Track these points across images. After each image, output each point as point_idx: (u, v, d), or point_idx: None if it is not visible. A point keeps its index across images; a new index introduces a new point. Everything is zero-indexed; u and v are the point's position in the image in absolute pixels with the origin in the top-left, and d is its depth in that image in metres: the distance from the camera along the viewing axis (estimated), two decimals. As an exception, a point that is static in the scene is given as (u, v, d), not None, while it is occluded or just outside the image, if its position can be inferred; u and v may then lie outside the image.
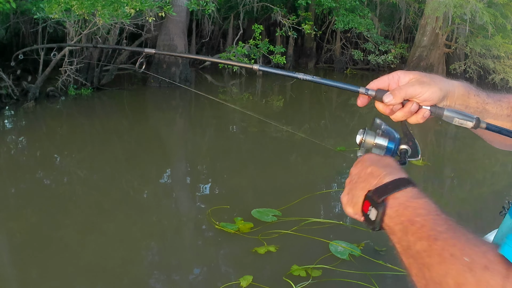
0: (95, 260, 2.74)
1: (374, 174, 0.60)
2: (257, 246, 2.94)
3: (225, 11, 11.22)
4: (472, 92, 0.73)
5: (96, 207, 3.51)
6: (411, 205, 0.55)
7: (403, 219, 0.54)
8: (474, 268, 0.46)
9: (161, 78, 8.39)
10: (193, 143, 5.74)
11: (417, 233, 0.51)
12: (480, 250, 0.48)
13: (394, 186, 0.57)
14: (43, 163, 4.65)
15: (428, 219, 0.52)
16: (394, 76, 0.69)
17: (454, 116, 0.65)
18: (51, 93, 7.43)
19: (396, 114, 0.68)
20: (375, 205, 0.57)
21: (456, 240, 0.49)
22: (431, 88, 0.66)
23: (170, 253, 2.94)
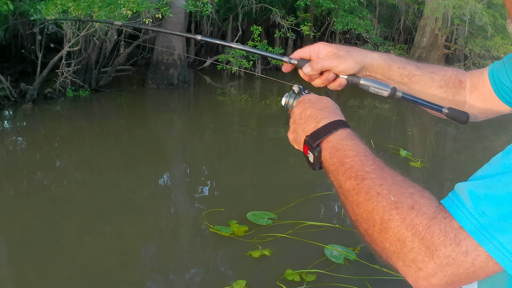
0: (92, 262, 2.73)
1: (312, 117, 0.64)
2: (251, 249, 2.91)
3: (224, 12, 11.21)
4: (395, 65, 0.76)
5: (93, 209, 3.50)
6: (341, 147, 0.58)
7: (335, 161, 0.57)
8: (399, 206, 0.48)
9: (159, 80, 8.40)
10: (191, 145, 5.72)
11: (346, 173, 0.55)
12: (407, 191, 0.49)
13: (326, 130, 0.61)
14: (41, 165, 4.64)
15: (356, 160, 0.55)
16: (315, 47, 0.75)
17: (370, 85, 0.70)
18: (49, 95, 7.41)
19: (315, 81, 0.75)
20: (311, 150, 0.61)
21: (383, 180, 0.51)
22: (346, 61, 0.72)
23: (163, 256, 2.91)
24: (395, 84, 0.76)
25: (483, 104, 0.81)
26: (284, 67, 0.78)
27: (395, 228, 0.48)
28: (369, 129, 7.18)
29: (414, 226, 0.47)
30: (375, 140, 5.85)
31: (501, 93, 0.78)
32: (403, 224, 0.47)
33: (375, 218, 0.50)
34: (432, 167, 5.10)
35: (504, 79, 0.77)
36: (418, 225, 0.46)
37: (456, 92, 0.81)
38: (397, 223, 0.48)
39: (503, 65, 0.79)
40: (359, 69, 0.73)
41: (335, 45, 0.75)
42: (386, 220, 0.48)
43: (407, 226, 0.47)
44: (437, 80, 0.80)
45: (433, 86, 0.79)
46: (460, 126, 7.55)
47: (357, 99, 9.77)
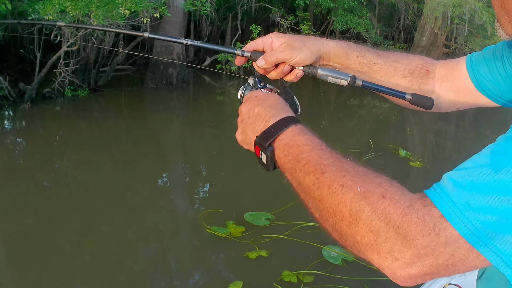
0: (89, 262, 2.72)
1: (261, 115, 0.61)
2: (248, 250, 2.90)
3: (223, 11, 11.18)
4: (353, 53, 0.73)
5: (91, 209, 3.49)
6: (295, 143, 0.55)
7: (290, 158, 0.55)
8: (368, 196, 0.45)
9: (157, 79, 8.38)
10: (189, 145, 5.70)
11: (304, 168, 0.52)
12: (374, 181, 0.47)
13: (277, 128, 0.58)
14: (39, 165, 4.63)
15: (313, 154, 0.53)
16: (268, 39, 0.71)
17: (328, 74, 0.68)
18: (48, 95, 7.40)
19: (270, 74, 0.72)
20: (263, 150, 0.58)
21: (345, 172, 0.48)
22: (301, 52, 0.68)
23: (160, 257, 2.90)
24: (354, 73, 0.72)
25: (455, 96, 0.78)
26: (237, 60, 0.75)
27: (366, 219, 0.45)
28: (369, 129, 7.16)
29: (387, 215, 0.44)
30: (374, 139, 5.82)
31: (481, 85, 0.75)
32: (375, 214, 0.44)
33: (342, 211, 0.47)
34: (431, 166, 5.08)
35: (484, 72, 0.75)
36: (392, 213, 0.44)
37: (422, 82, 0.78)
38: (367, 213, 0.45)
39: (483, 58, 0.76)
40: (316, 59, 0.71)
41: (289, 35, 0.72)
42: (355, 211, 0.46)
43: (379, 215, 0.44)
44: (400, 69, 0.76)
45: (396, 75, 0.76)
46: (460, 125, 7.52)
47: (357, 99, 9.74)
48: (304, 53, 0.69)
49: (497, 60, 0.73)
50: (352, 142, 5.97)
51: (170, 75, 8.44)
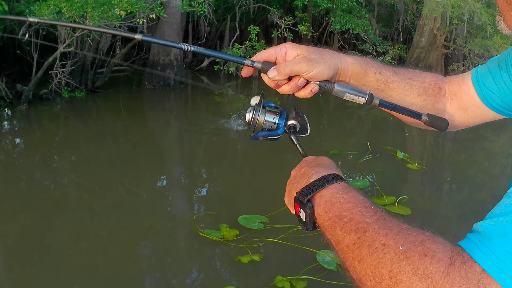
0: (85, 263, 2.70)
1: (305, 175, 0.60)
2: (241, 254, 2.85)
3: (222, 12, 11.15)
4: (371, 70, 0.70)
5: (88, 211, 3.48)
6: (337, 200, 0.53)
7: (331, 215, 0.52)
8: (410, 256, 0.43)
9: (155, 81, 8.34)
10: (186, 147, 5.66)
11: (345, 227, 0.49)
12: (416, 239, 0.44)
13: (319, 184, 0.56)
14: (36, 166, 4.62)
15: (356, 212, 0.50)
16: (282, 49, 0.66)
17: (345, 91, 0.65)
18: (45, 96, 7.37)
19: (282, 88, 0.66)
20: (302, 206, 0.56)
21: (388, 230, 0.46)
22: (319, 65, 0.64)
23: (151, 260, 2.85)
24: (371, 91, 0.70)
25: (464, 113, 0.77)
26: (244, 71, 0.69)
27: (407, 281, 0.42)
28: (367, 130, 7.11)
29: (429, 276, 0.41)
30: (372, 141, 5.77)
31: (487, 100, 0.73)
32: (416, 275, 0.41)
33: (382, 273, 0.43)
34: (430, 169, 5.03)
35: (490, 84, 0.73)
36: (434, 274, 0.41)
37: (436, 100, 0.76)
38: (408, 274, 0.42)
39: (488, 70, 0.74)
40: (333, 74, 0.66)
41: (305, 46, 0.67)
42: (395, 273, 0.42)
43: (421, 276, 0.41)
44: (415, 87, 0.74)
45: (412, 93, 0.74)
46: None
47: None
48: (322, 67, 0.64)
49: (502, 70, 0.71)
50: (350, 143, 5.93)
51: (168, 77, 8.41)
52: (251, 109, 0.67)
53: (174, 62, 8.39)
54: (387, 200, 3.80)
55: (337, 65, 0.67)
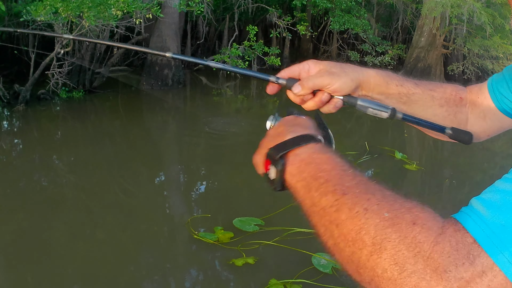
0: (82, 265, 2.68)
1: (281, 133, 0.56)
2: (235, 257, 2.81)
3: (220, 12, 11.12)
4: (393, 82, 0.71)
5: (85, 212, 3.46)
6: (313, 161, 0.50)
7: (305, 175, 0.49)
8: (397, 223, 0.40)
9: (153, 80, 8.31)
10: (183, 148, 5.62)
11: (321, 188, 0.46)
12: (403, 206, 0.42)
13: (295, 142, 0.53)
14: (33, 166, 4.59)
15: (333, 174, 0.47)
16: (304, 65, 0.68)
17: (368, 106, 0.64)
18: (42, 96, 7.35)
19: (307, 104, 0.67)
20: (273, 163, 0.53)
21: (370, 195, 0.43)
22: (341, 79, 0.65)
23: (144, 263, 2.82)
24: (394, 104, 0.69)
25: (483, 121, 0.77)
26: (269, 88, 0.69)
27: (392, 249, 0.39)
28: (366, 130, 7.08)
29: (417, 245, 0.38)
30: (370, 141, 5.74)
31: (502, 105, 0.74)
32: (403, 243, 0.39)
33: (364, 239, 0.40)
34: (428, 170, 4.99)
35: (504, 90, 0.73)
36: (423, 242, 0.38)
37: (458, 110, 0.76)
38: (394, 242, 0.39)
39: (503, 77, 0.75)
40: (355, 88, 0.67)
41: (327, 62, 0.68)
42: (379, 240, 0.40)
43: (408, 245, 0.39)
44: (437, 98, 0.74)
45: (434, 105, 0.74)
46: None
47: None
48: (343, 80, 0.65)
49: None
50: (348, 144, 5.89)
51: (166, 76, 8.38)
52: (273, 117, 0.65)
53: (172, 62, 8.36)
54: (384, 202, 3.77)
55: (358, 78, 0.67)
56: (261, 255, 2.87)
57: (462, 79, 9.19)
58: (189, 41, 11.07)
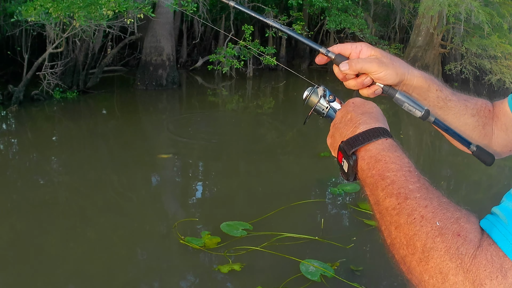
0: (72, 268, 2.65)
1: (352, 121, 0.59)
2: (221, 263, 2.75)
3: (216, 11, 11.04)
4: (434, 87, 0.73)
5: (77, 213, 3.43)
6: (382, 158, 0.53)
7: (374, 173, 0.52)
8: (445, 233, 0.43)
9: (147, 81, 8.23)
10: (176, 149, 5.54)
11: (387, 188, 0.49)
12: (453, 215, 0.45)
13: (365, 137, 0.55)
14: (26, 168, 4.54)
15: (399, 175, 0.50)
16: (357, 46, 0.69)
17: (405, 101, 0.65)
18: (36, 97, 7.28)
19: (349, 82, 0.69)
20: (346, 157, 0.55)
21: (429, 202, 0.46)
22: (388, 69, 0.66)
23: (127, 268, 2.75)
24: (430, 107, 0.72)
25: (505, 134, 0.79)
26: (318, 58, 0.71)
27: (438, 258, 0.43)
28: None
29: (459, 256, 0.42)
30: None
31: None
32: (447, 254, 0.42)
33: (416, 245, 0.44)
34: (425, 170, 4.85)
35: None
36: (464, 255, 0.42)
37: (486, 122, 0.78)
38: (440, 252, 0.42)
39: None
40: (398, 82, 0.68)
41: (379, 49, 0.70)
42: (428, 248, 0.43)
43: (451, 256, 0.42)
44: (470, 107, 0.76)
45: (466, 113, 0.76)
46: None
47: (352, 100, 9.57)
48: (390, 71, 0.67)
49: None
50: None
51: (160, 77, 8.30)
52: (311, 89, 0.69)
53: (166, 62, 8.28)
54: (377, 205, 3.69)
55: (404, 74, 0.68)
56: (248, 261, 2.80)
57: (460, 79, 9.10)
58: (185, 40, 10.99)
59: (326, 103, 0.68)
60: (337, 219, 3.61)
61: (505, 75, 8.15)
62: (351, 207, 3.74)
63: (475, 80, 9.12)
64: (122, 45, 8.20)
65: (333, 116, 0.67)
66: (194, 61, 10.92)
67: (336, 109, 0.67)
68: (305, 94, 0.69)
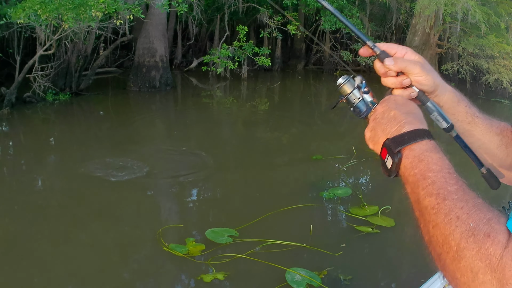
0: (50, 276, 2.57)
1: (396, 119, 0.62)
2: (204, 272, 2.66)
3: (211, 12, 10.95)
4: (463, 103, 0.76)
5: (68, 218, 3.37)
6: (425, 158, 0.56)
7: (416, 172, 0.55)
8: (477, 234, 0.46)
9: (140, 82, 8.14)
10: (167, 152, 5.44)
11: (427, 188, 0.52)
12: (485, 216, 0.48)
13: (411, 137, 0.58)
14: (18, 171, 4.46)
15: (440, 177, 0.53)
16: (403, 49, 0.71)
17: (434, 110, 0.69)
18: (28, 99, 7.20)
19: (388, 79, 0.71)
20: (391, 154, 0.58)
21: (464, 203, 0.49)
22: (428, 75, 0.69)
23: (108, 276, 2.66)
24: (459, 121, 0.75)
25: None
26: (362, 50, 0.72)
27: (469, 258, 0.46)
28: (358, 133, 6.89)
29: (488, 257, 0.45)
30: (360, 144, 5.57)
31: None
32: (478, 254, 0.45)
33: (450, 244, 0.48)
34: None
35: None
36: (492, 255, 0.44)
37: (509, 142, 0.80)
38: (472, 252, 0.46)
39: None
40: (433, 90, 0.71)
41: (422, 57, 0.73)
42: (462, 247, 0.46)
43: (481, 256, 0.45)
44: (494, 126, 0.80)
45: (492, 132, 0.79)
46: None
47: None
48: (429, 77, 0.69)
49: None
50: (339, 146, 5.72)
51: (153, 78, 8.22)
52: (346, 77, 0.71)
53: (159, 64, 8.20)
54: (368, 211, 3.59)
55: (439, 85, 0.71)
56: (232, 270, 2.72)
57: (457, 79, 9.00)
58: (180, 41, 10.91)
59: (359, 94, 0.70)
60: (327, 225, 3.52)
61: (502, 75, 8.06)
62: (342, 212, 3.65)
63: (472, 80, 9.03)
64: (114, 47, 8.12)
65: (362, 108, 0.69)
66: (189, 62, 10.83)
67: (367, 101, 0.69)
68: (340, 81, 0.71)
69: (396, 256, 3.13)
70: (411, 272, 2.88)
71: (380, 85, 0.70)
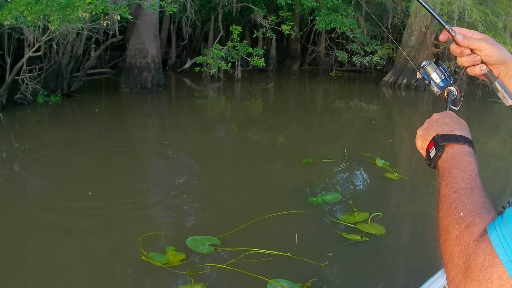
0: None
1: (448, 125, 0.72)
2: (183, 283, 2.56)
3: (206, 13, 10.85)
4: None
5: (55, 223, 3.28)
6: (458, 157, 0.65)
7: (447, 166, 0.65)
8: (461, 223, 0.54)
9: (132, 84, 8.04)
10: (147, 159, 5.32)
11: (447, 180, 0.62)
12: (476, 211, 0.54)
13: (456, 138, 0.68)
14: (8, 174, 4.36)
15: (460, 175, 0.61)
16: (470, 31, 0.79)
17: (501, 90, 0.77)
18: (19, 101, 7.12)
19: (462, 58, 0.79)
20: (436, 147, 0.69)
21: (467, 198, 0.57)
22: (493, 48, 0.76)
23: None
24: None
25: None
26: (442, 35, 0.81)
27: (451, 241, 0.53)
28: (350, 135, 6.76)
29: (464, 244, 0.51)
30: (352, 147, 5.46)
31: None
32: (456, 240, 0.52)
33: (443, 227, 0.56)
34: (411, 178, 4.67)
35: None
36: (468, 243, 0.50)
37: None
38: (453, 237, 0.53)
39: None
40: (500, 62, 0.77)
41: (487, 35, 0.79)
42: (449, 231, 0.54)
43: (459, 242, 0.51)
44: None
45: None
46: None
47: (343, 100, 9.37)
48: (494, 49, 0.76)
49: None
50: (330, 149, 5.61)
51: (145, 79, 8.12)
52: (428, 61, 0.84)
53: (151, 65, 8.09)
54: (358, 217, 3.47)
55: (506, 57, 0.77)
56: (211, 281, 2.62)
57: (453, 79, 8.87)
58: (174, 42, 10.81)
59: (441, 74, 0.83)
60: (313, 232, 3.40)
61: (499, 75, 7.92)
62: (330, 218, 3.53)
63: (470, 80, 8.92)
64: (104, 48, 8.01)
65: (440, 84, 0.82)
66: (183, 62, 10.73)
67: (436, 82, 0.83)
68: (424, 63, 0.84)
69: (385, 266, 3.02)
70: (401, 283, 2.77)
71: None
